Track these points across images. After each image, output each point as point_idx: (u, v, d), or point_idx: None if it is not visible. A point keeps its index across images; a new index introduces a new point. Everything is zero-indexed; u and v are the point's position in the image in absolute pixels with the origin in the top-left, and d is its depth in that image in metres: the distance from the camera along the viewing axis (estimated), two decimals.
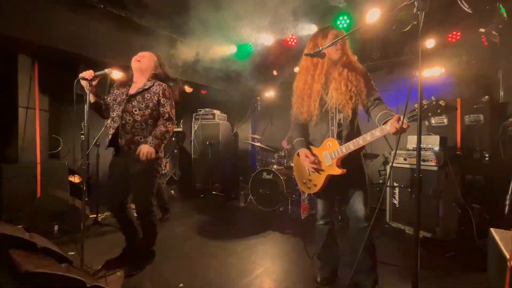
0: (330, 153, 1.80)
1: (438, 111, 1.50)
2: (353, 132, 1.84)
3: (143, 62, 2.21)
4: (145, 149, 2.02)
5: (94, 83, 2.06)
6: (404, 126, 1.50)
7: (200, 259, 2.49)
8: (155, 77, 2.25)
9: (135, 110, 2.12)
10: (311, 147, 1.95)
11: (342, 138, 1.81)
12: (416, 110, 1.47)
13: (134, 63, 2.21)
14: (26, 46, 3.08)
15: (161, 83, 2.21)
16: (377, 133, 1.61)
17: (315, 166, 1.85)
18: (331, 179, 1.86)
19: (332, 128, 1.83)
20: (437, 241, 2.76)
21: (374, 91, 1.84)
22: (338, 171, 1.78)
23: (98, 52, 3.46)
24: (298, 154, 1.94)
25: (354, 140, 1.70)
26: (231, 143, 5.88)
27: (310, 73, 1.85)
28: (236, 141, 6.24)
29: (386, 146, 3.96)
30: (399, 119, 1.50)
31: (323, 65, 1.81)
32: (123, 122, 2.10)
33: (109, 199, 2.24)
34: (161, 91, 2.17)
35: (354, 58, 1.86)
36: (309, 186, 1.99)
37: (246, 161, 6.30)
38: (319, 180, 1.90)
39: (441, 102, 1.49)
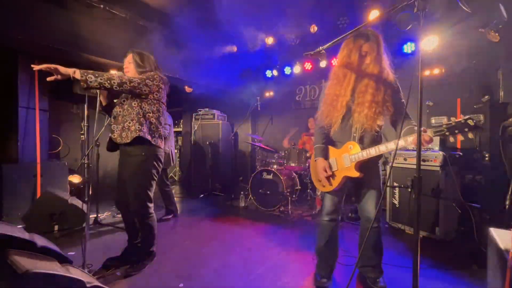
0: (350, 156, 1.81)
1: (466, 129, 1.50)
2: (375, 138, 1.85)
3: (129, 75, 2.22)
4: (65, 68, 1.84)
5: None
6: (428, 138, 1.54)
7: (200, 259, 2.49)
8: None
9: (123, 101, 2.17)
10: (330, 147, 1.94)
11: (364, 143, 1.83)
12: (443, 126, 1.53)
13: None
14: (26, 46, 3.08)
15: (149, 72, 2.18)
16: (401, 142, 1.62)
17: (327, 182, 1.89)
18: (347, 179, 1.89)
19: (354, 135, 1.84)
20: (437, 241, 2.76)
21: (401, 105, 1.81)
22: (355, 174, 1.80)
23: (98, 52, 3.46)
24: (315, 161, 1.95)
25: (376, 147, 1.71)
26: (231, 143, 5.88)
27: (340, 83, 1.81)
28: (236, 141, 6.25)
29: None
30: (425, 131, 1.54)
31: (350, 78, 1.78)
32: (115, 115, 2.15)
33: (115, 197, 2.27)
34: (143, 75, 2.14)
35: (385, 64, 1.77)
36: (324, 185, 1.98)
37: (246, 161, 6.31)
38: (335, 180, 1.91)
39: (470, 122, 1.49)
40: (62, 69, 1.82)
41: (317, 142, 1.96)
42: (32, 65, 1.83)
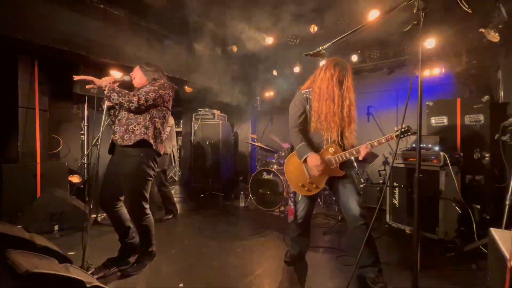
0: (334, 157, 2.02)
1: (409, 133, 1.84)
2: (345, 141, 2.09)
3: (136, 83, 2.28)
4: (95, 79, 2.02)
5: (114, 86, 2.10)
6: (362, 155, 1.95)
7: (200, 259, 2.49)
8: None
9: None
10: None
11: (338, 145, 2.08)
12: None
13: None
14: (26, 46, 3.08)
15: (159, 80, 2.24)
16: (375, 143, 1.94)
17: (321, 174, 2.03)
18: (329, 179, 2.08)
19: (327, 137, 2.05)
20: (437, 241, 2.76)
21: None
22: (341, 173, 2.04)
23: (98, 52, 3.46)
24: (305, 160, 2.04)
25: (357, 148, 1.98)
26: (231, 143, 5.88)
27: (332, 101, 2.00)
28: (236, 141, 6.25)
29: (386, 146, 3.97)
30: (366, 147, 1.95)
31: (339, 98, 2.00)
32: (119, 118, 2.18)
33: (99, 197, 2.24)
34: (153, 83, 2.19)
35: (353, 92, 2.07)
36: (308, 188, 2.13)
37: (246, 161, 6.31)
38: (321, 182, 2.10)
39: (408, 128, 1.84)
40: (97, 81, 2.02)
41: (300, 141, 2.09)
42: (74, 75, 2.05)
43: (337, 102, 1.99)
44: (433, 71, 4.00)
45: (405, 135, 1.87)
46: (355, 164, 2.29)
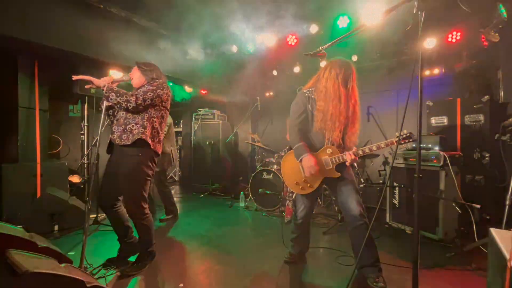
0: (331, 159, 2.02)
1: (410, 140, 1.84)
2: (345, 143, 2.10)
3: (134, 83, 2.29)
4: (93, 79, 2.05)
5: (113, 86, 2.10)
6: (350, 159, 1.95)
7: (200, 259, 2.49)
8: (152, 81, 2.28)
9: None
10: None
11: (337, 147, 2.07)
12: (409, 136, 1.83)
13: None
14: (26, 46, 3.08)
15: (158, 80, 2.25)
16: (374, 147, 1.94)
17: (316, 175, 2.03)
18: (324, 179, 2.09)
19: (329, 137, 2.04)
20: (437, 241, 2.76)
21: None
22: (336, 174, 2.04)
23: (98, 52, 3.46)
24: (301, 160, 2.05)
25: (355, 151, 1.98)
26: (231, 143, 5.88)
27: (339, 101, 1.99)
28: (236, 141, 6.25)
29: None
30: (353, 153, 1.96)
31: (344, 98, 2.00)
32: (117, 118, 2.18)
33: (99, 197, 2.24)
34: (151, 83, 2.20)
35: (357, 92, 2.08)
36: (303, 187, 2.14)
37: (246, 161, 6.31)
38: (316, 182, 2.10)
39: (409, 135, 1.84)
40: (95, 81, 2.05)
41: (298, 141, 2.08)
42: (73, 75, 2.07)
43: (343, 102, 1.99)
44: (433, 71, 4.00)
45: (406, 141, 1.86)
46: (355, 164, 2.29)
